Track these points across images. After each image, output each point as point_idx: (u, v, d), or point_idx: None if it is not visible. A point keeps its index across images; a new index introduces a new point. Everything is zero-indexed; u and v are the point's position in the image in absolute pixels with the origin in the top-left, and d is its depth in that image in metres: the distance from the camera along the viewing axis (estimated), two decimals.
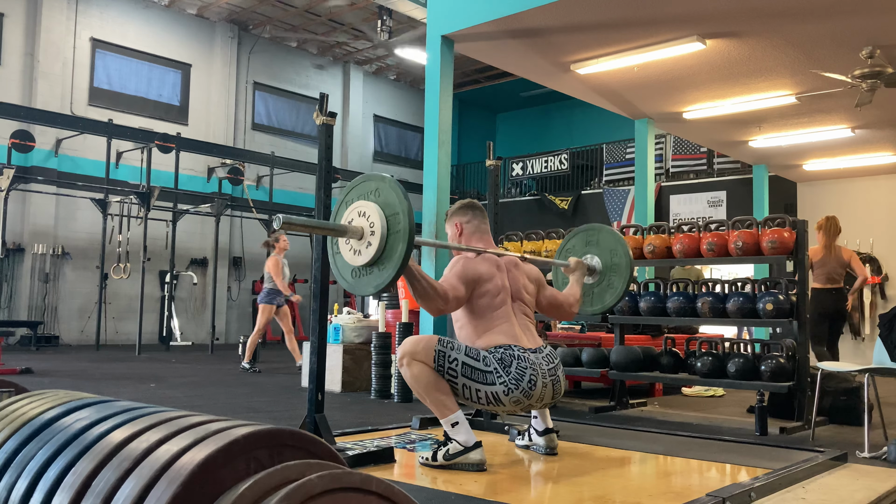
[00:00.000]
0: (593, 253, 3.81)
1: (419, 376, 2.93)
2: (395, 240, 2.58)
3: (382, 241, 2.59)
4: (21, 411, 1.41)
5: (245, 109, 15.37)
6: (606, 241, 3.81)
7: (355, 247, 2.68)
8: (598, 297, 3.78)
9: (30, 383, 3.77)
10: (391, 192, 2.63)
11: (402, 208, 2.58)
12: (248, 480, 0.98)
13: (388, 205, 2.62)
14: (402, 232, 2.57)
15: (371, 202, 2.67)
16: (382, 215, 2.62)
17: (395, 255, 2.58)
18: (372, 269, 2.65)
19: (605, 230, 3.85)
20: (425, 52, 6.66)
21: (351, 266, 2.73)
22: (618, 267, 3.74)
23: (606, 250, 3.78)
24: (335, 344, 6.31)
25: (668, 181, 13.79)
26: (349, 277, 2.76)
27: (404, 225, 2.56)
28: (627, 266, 3.72)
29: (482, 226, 3.31)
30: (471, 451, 2.88)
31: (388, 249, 2.60)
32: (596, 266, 3.78)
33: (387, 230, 2.60)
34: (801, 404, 4.63)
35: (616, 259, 3.75)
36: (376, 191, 2.67)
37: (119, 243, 11.64)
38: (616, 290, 3.73)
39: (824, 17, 5.79)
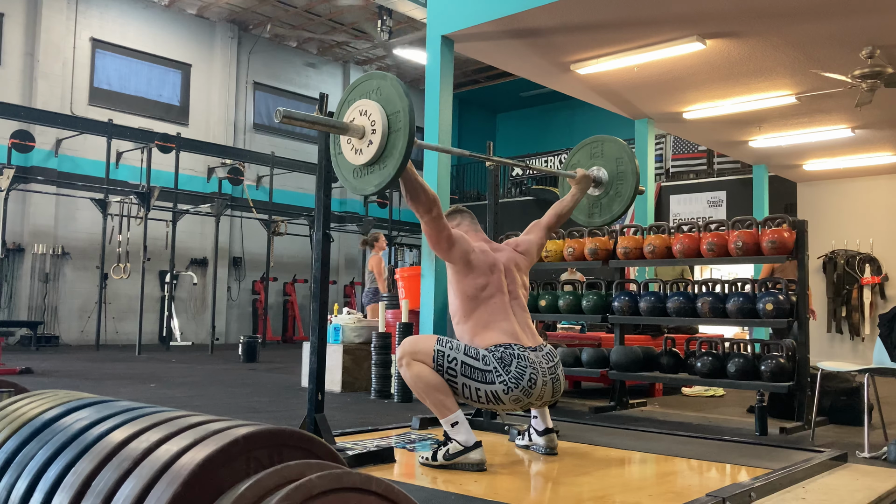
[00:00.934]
0: (599, 164, 3.84)
1: (419, 376, 2.93)
2: (396, 138, 2.60)
3: (384, 139, 2.61)
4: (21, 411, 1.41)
5: (245, 109, 15.37)
6: (611, 150, 3.84)
7: (357, 146, 2.71)
8: (607, 206, 3.83)
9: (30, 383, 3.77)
10: (392, 90, 2.65)
11: (403, 106, 2.60)
12: (248, 480, 0.98)
13: (390, 102, 2.64)
14: (402, 130, 2.59)
15: (372, 101, 2.68)
16: (384, 113, 2.63)
17: (395, 153, 2.60)
18: (373, 168, 2.68)
19: (608, 140, 3.89)
20: (425, 52, 6.66)
21: (353, 165, 2.76)
22: (624, 174, 3.77)
23: (612, 159, 3.82)
24: (335, 344, 6.31)
25: (668, 181, 13.79)
26: (351, 177, 2.78)
27: (405, 122, 2.58)
28: (633, 172, 3.76)
29: (473, 225, 3.35)
30: (471, 451, 2.88)
31: (388, 147, 2.62)
32: (602, 177, 3.82)
33: (388, 128, 2.62)
34: (801, 404, 4.63)
35: (622, 167, 3.78)
36: (378, 89, 2.68)
37: (119, 243, 11.63)
38: (624, 197, 3.77)
39: (824, 17, 5.79)
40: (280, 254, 15.23)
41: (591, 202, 3.89)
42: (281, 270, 15.31)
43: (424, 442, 3.49)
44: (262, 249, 14.74)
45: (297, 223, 14.68)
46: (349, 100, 2.81)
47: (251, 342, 9.68)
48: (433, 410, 2.96)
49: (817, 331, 11.01)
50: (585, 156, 3.92)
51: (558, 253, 5.87)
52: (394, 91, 2.63)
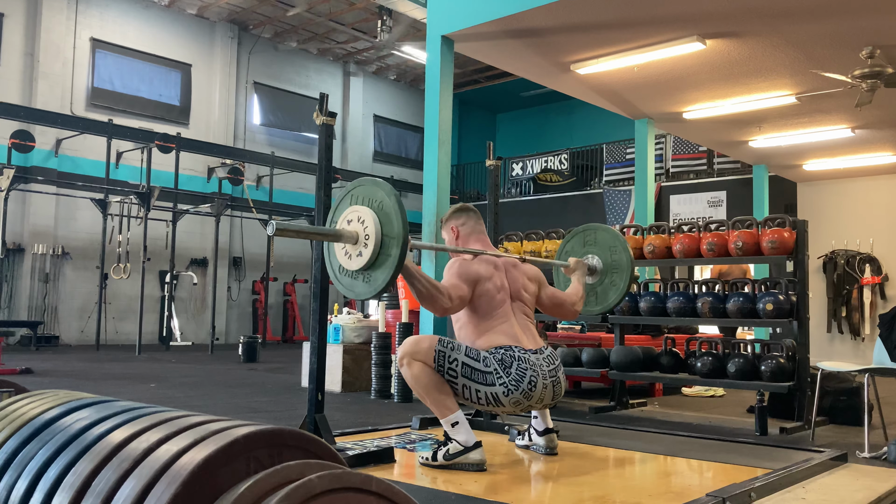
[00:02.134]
0: (593, 252, 3.81)
1: (419, 376, 2.93)
2: (389, 245, 2.58)
3: (377, 247, 2.59)
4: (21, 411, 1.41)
5: (245, 109, 15.37)
6: (604, 239, 3.81)
7: (349, 250, 2.68)
8: (602, 296, 3.78)
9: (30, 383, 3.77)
10: (393, 212, 2.60)
11: (399, 233, 2.57)
12: (248, 480, 0.98)
13: (388, 223, 2.61)
14: (396, 238, 2.56)
15: (366, 207, 2.66)
16: (379, 227, 2.61)
17: (388, 262, 2.58)
18: (366, 274, 2.65)
19: (601, 228, 3.86)
20: (425, 52, 6.66)
21: (342, 266, 2.73)
22: (618, 264, 3.74)
23: (605, 248, 3.78)
24: (335, 344, 6.31)
25: (668, 181, 13.78)
26: (343, 277, 2.76)
27: (398, 232, 2.56)
28: (628, 262, 3.72)
29: (478, 227, 3.32)
30: (471, 451, 2.88)
31: (381, 256, 2.59)
32: (596, 266, 3.78)
33: (381, 236, 2.60)
34: (801, 404, 4.63)
35: (616, 256, 3.75)
36: (381, 204, 2.64)
37: (119, 243, 11.63)
38: (619, 287, 3.72)
39: (824, 17, 5.79)
40: (280, 254, 15.23)
41: (587, 290, 3.78)
42: (281, 270, 15.31)
43: (424, 442, 3.49)
44: (262, 249, 14.74)
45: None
46: (350, 196, 2.76)
47: (251, 342, 9.68)
48: (433, 410, 2.96)
49: (817, 331, 11.01)
50: (579, 243, 3.87)
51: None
52: (393, 213, 2.59)
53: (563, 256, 3.89)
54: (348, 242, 2.67)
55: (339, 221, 2.74)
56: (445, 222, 3.35)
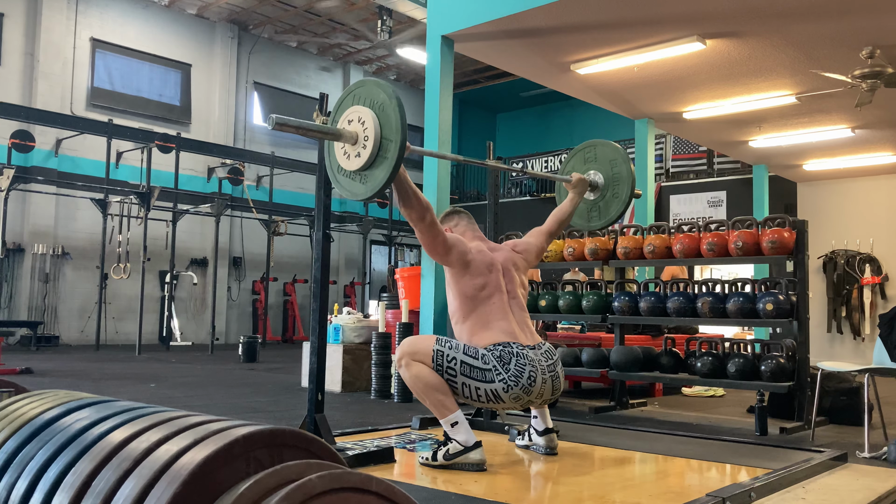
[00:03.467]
0: (594, 168, 3.85)
1: (418, 376, 2.94)
2: (387, 149, 2.61)
3: (374, 150, 2.62)
4: (21, 411, 1.41)
5: (245, 109, 15.37)
6: (604, 153, 3.84)
7: (349, 151, 2.71)
8: (604, 209, 3.84)
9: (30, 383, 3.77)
10: (391, 111, 2.64)
11: (397, 130, 2.60)
12: (248, 480, 0.98)
13: (387, 123, 2.64)
14: (394, 141, 2.60)
15: (370, 111, 2.68)
16: (379, 128, 2.64)
17: (385, 163, 2.61)
18: (363, 175, 2.69)
19: (600, 143, 3.90)
20: (425, 52, 6.66)
21: (344, 169, 2.77)
22: (619, 176, 3.78)
23: (606, 162, 3.82)
24: (335, 344, 6.31)
25: (668, 181, 13.78)
26: (343, 179, 2.79)
27: (397, 133, 2.59)
28: (629, 173, 3.76)
29: (471, 226, 3.36)
30: (471, 451, 2.88)
31: (379, 157, 2.63)
32: (598, 181, 3.83)
33: (380, 138, 2.63)
34: (801, 404, 4.63)
35: (616, 168, 3.79)
36: (381, 105, 2.67)
37: (119, 243, 11.63)
38: (621, 199, 3.77)
39: (824, 17, 5.79)
40: (280, 254, 15.23)
41: (588, 206, 3.89)
42: (281, 270, 15.31)
43: (424, 442, 3.49)
44: (262, 249, 14.73)
45: (297, 223, 14.68)
46: (353, 96, 2.80)
47: (251, 342, 9.68)
48: (433, 410, 2.96)
49: (817, 331, 11.01)
50: (579, 161, 3.91)
51: (558, 253, 5.87)
52: (393, 116, 2.62)
53: (566, 174, 3.91)
54: (347, 142, 2.70)
55: (340, 121, 2.77)
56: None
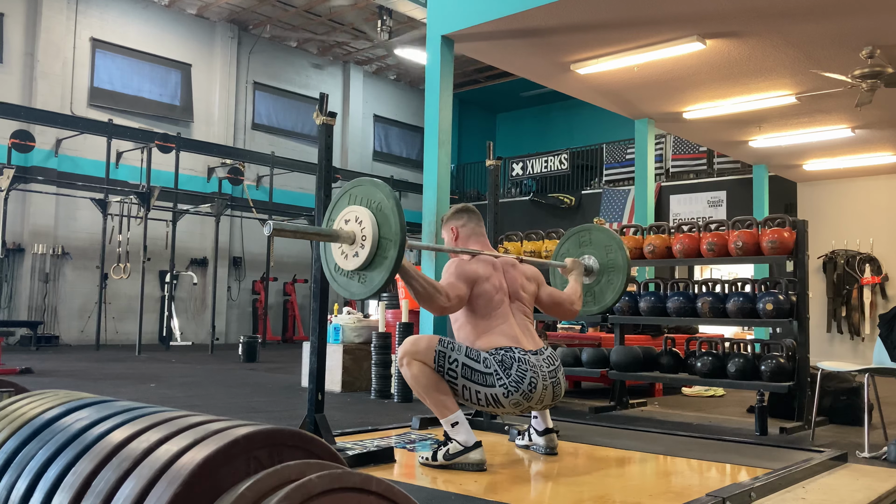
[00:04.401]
0: (589, 253, 3.82)
1: (419, 376, 2.93)
2: (386, 247, 2.55)
3: (373, 248, 2.57)
4: (21, 411, 1.41)
5: (245, 109, 15.37)
6: (599, 239, 3.82)
7: (345, 250, 2.66)
8: (599, 295, 3.78)
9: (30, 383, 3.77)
10: (391, 213, 2.58)
11: (396, 236, 2.54)
12: (248, 480, 0.98)
13: (385, 222, 2.59)
14: (393, 240, 2.54)
15: (364, 208, 2.64)
16: (377, 228, 2.59)
17: (384, 263, 2.56)
18: (362, 274, 2.64)
19: (595, 228, 3.87)
20: (425, 52, 6.66)
21: (337, 266, 2.72)
22: (614, 263, 3.74)
23: (601, 247, 3.79)
24: (335, 344, 6.31)
25: (668, 181, 13.78)
26: (340, 277, 2.75)
27: (396, 233, 2.53)
28: (624, 261, 3.72)
29: (478, 229, 3.32)
30: (471, 451, 2.88)
31: (378, 257, 2.57)
32: (593, 266, 3.78)
33: (378, 238, 2.58)
34: (801, 404, 4.63)
35: (612, 255, 3.75)
36: (378, 205, 2.62)
37: (119, 243, 11.63)
38: (616, 286, 3.72)
39: (824, 17, 5.79)
40: (280, 254, 15.23)
41: (583, 291, 3.78)
42: (281, 270, 15.31)
43: (424, 442, 3.49)
44: (262, 249, 14.73)
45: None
46: (349, 195, 2.73)
47: (251, 342, 9.68)
48: (433, 410, 2.96)
49: (817, 331, 11.01)
50: (574, 245, 3.87)
51: None
52: (391, 215, 2.56)
53: (560, 258, 3.88)
54: (345, 242, 2.65)
55: (337, 221, 2.72)
56: (446, 222, 3.35)
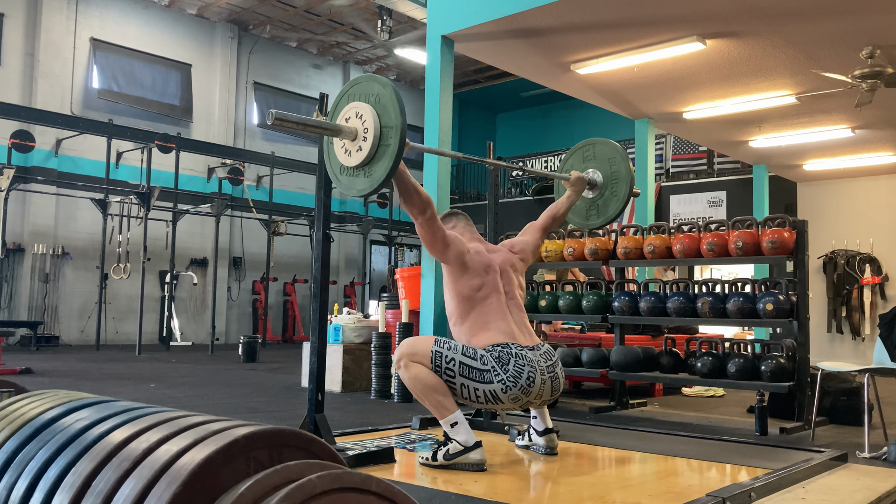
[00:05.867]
0: (593, 167, 3.86)
1: (417, 377, 2.94)
2: (386, 145, 2.64)
3: (374, 146, 2.64)
4: (21, 411, 1.41)
5: (245, 109, 15.37)
6: (603, 151, 3.85)
7: (348, 147, 2.73)
8: (603, 208, 3.84)
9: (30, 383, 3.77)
10: (390, 103, 2.66)
11: (397, 121, 2.63)
12: (248, 480, 0.98)
13: (385, 113, 2.66)
14: (393, 140, 2.62)
15: (369, 105, 2.70)
16: (377, 121, 2.66)
17: (385, 160, 2.63)
18: (362, 171, 2.72)
19: (599, 142, 3.90)
20: (425, 52, 6.66)
21: (342, 165, 2.79)
22: (618, 174, 3.79)
23: (605, 160, 3.83)
24: (335, 344, 6.31)
25: (668, 181, 13.78)
26: (342, 176, 2.82)
27: (395, 135, 2.61)
28: (627, 171, 3.77)
29: (469, 228, 3.35)
30: (471, 451, 2.88)
31: (378, 154, 2.65)
32: (597, 180, 3.83)
33: (379, 136, 2.65)
34: (801, 404, 4.63)
35: (615, 167, 3.80)
36: (377, 97, 2.70)
37: (119, 243, 11.63)
38: (619, 197, 3.78)
39: (824, 17, 5.79)
40: (280, 254, 15.23)
41: (587, 204, 3.89)
42: (281, 270, 15.31)
43: (424, 442, 3.49)
44: (262, 249, 14.73)
45: (297, 223, 14.68)
46: (347, 95, 2.82)
47: (251, 342, 9.68)
48: (432, 411, 2.97)
49: (817, 331, 11.01)
50: (578, 160, 3.92)
51: (558, 253, 5.87)
52: (391, 104, 2.64)
53: (564, 172, 3.91)
54: (347, 138, 2.72)
55: (338, 120, 2.79)
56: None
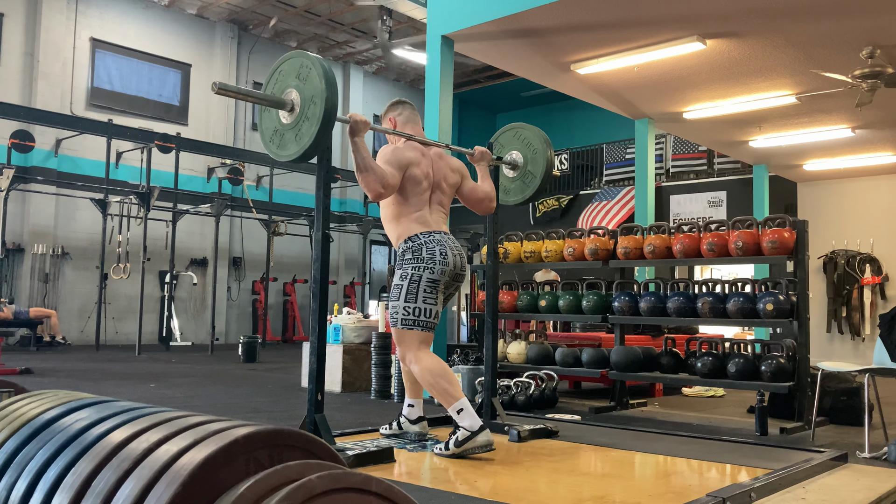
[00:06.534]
0: (516, 149, 4.01)
1: (430, 370, 3.15)
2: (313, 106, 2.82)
3: (303, 107, 2.84)
4: (21, 411, 1.41)
5: (245, 109, 15.37)
6: (528, 137, 3.98)
7: (285, 116, 2.92)
8: (519, 189, 4.01)
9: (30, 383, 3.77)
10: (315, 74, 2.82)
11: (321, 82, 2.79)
12: (248, 480, 0.98)
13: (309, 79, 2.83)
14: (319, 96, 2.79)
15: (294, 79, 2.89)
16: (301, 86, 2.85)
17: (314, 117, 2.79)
18: (293, 135, 2.89)
19: (527, 128, 4.02)
20: (425, 52, 6.66)
21: (273, 129, 2.97)
22: (535, 154, 3.93)
23: (526, 144, 3.98)
24: (335, 344, 6.31)
25: (668, 181, 13.77)
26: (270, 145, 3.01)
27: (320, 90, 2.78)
28: (543, 153, 3.90)
29: (413, 116, 3.58)
30: (477, 435, 3.05)
31: (309, 112, 2.82)
32: (517, 160, 3.98)
33: (307, 97, 2.83)
34: (801, 405, 4.63)
35: (533, 147, 3.94)
36: (303, 68, 2.86)
37: (119, 243, 11.63)
38: (536, 176, 3.93)
39: (824, 17, 5.79)
40: (280, 254, 15.23)
41: (506, 182, 4.04)
42: (281, 270, 15.31)
43: (424, 442, 3.48)
44: (262, 249, 14.73)
45: (297, 223, 14.68)
46: (279, 71, 3.00)
47: (251, 342, 9.68)
48: (439, 399, 3.15)
49: (817, 331, 11.01)
50: (508, 139, 4.06)
51: (558, 253, 5.87)
52: (316, 75, 2.81)
53: (497, 148, 4.07)
54: (283, 109, 2.89)
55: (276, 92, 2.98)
56: (384, 115, 3.61)
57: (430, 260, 3.23)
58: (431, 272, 3.23)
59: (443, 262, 3.25)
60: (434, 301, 3.24)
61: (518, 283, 6.24)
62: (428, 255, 3.24)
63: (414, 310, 3.22)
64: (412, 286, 3.23)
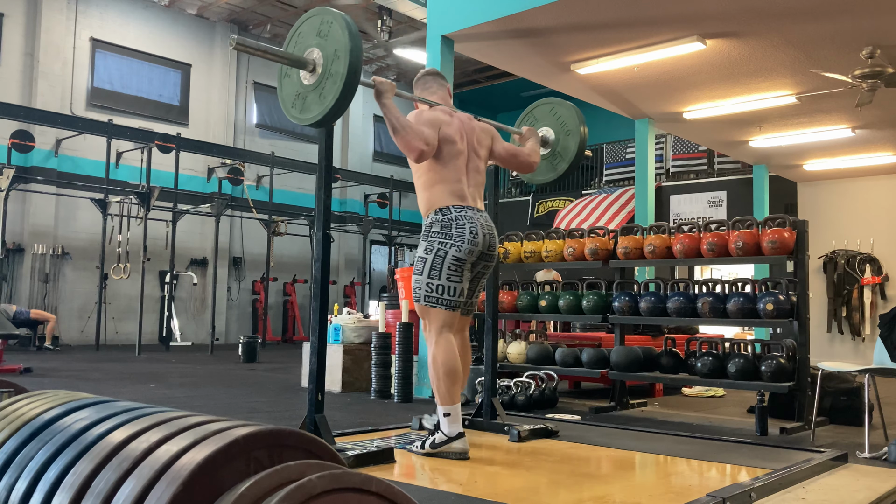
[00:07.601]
0: (548, 126, 3.98)
1: (444, 363, 3.10)
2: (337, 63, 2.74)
3: (327, 64, 2.76)
4: (21, 411, 1.41)
5: (245, 109, 15.37)
6: (563, 114, 3.97)
7: (306, 77, 2.87)
8: (550, 165, 3.97)
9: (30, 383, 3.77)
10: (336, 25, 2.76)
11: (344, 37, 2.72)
12: (248, 480, 0.98)
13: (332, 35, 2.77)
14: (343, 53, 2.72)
15: (315, 36, 2.83)
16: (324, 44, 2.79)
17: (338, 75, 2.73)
18: (316, 90, 2.82)
19: (565, 105, 4.00)
20: (425, 52, 6.66)
21: (295, 93, 2.91)
22: (568, 136, 3.90)
23: (561, 123, 3.96)
24: (335, 344, 6.31)
25: (668, 181, 13.77)
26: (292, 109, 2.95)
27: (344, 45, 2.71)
28: (576, 135, 3.87)
29: (441, 84, 3.51)
30: (454, 441, 3.05)
31: (332, 70, 2.76)
32: (548, 137, 3.94)
33: (329, 54, 2.77)
34: (801, 405, 4.63)
35: (567, 128, 3.92)
36: (329, 24, 2.80)
37: (119, 243, 11.63)
38: (563, 160, 3.90)
39: (824, 17, 5.79)
40: (280, 254, 15.23)
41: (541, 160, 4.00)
42: (281, 270, 15.31)
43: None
44: (262, 249, 14.73)
45: (297, 223, 14.68)
46: (299, 32, 2.95)
47: (251, 342, 9.68)
48: (435, 392, 3.13)
49: (817, 331, 11.01)
50: (543, 113, 4.03)
51: (558, 253, 5.87)
52: (340, 29, 2.75)
53: (528, 121, 4.02)
54: (304, 69, 2.83)
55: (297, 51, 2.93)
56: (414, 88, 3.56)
57: (458, 238, 3.12)
58: (458, 250, 3.13)
59: (472, 240, 3.14)
60: (459, 279, 3.15)
61: (518, 283, 6.24)
62: (457, 233, 3.13)
63: (438, 287, 3.14)
64: (436, 262, 3.14)
